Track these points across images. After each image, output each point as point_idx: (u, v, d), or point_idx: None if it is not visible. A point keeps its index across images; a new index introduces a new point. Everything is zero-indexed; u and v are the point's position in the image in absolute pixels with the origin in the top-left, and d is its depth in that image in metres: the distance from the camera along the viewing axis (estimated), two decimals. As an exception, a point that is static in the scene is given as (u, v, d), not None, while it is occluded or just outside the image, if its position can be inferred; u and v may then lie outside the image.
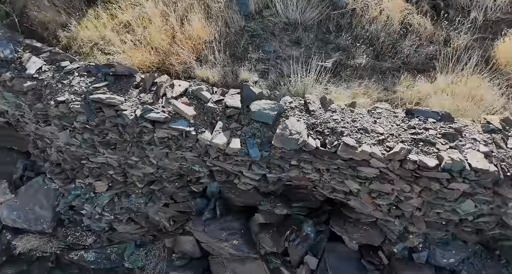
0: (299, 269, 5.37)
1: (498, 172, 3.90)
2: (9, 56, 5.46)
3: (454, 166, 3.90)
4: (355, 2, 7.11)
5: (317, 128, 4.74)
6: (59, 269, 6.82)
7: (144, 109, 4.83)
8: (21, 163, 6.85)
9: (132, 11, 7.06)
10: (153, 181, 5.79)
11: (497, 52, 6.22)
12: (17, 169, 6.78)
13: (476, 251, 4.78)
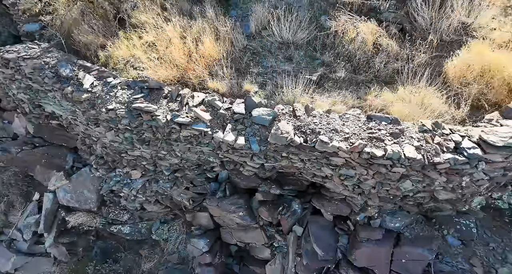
0: (289, 235, 6.85)
1: (423, 159, 5.48)
2: (69, 74, 7.02)
3: (394, 155, 5.37)
4: (337, 25, 8.62)
5: (301, 129, 6.13)
6: (101, 240, 8.43)
7: (172, 115, 6.38)
8: (71, 156, 8.42)
9: (155, 33, 8.61)
10: (177, 169, 7.30)
11: (447, 69, 7.75)
12: (68, 161, 8.36)
13: (417, 219, 6.32)
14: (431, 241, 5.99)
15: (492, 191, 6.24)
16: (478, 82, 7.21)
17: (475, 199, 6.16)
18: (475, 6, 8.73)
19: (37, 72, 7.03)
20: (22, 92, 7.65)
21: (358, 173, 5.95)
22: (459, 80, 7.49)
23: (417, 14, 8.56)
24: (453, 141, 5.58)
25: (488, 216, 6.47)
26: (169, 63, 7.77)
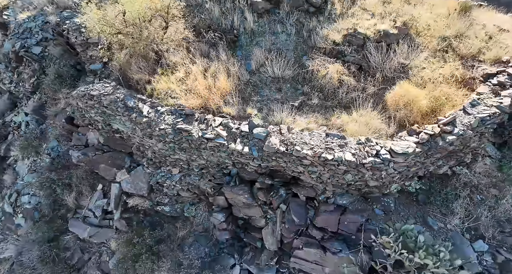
0: (277, 210, 9.99)
1: (356, 161, 8.89)
2: (133, 105, 10.43)
3: (339, 159, 8.67)
4: (313, 65, 11.98)
5: (284, 142, 9.24)
6: (149, 217, 11.83)
7: (202, 132, 9.75)
8: (128, 158, 11.72)
9: (184, 70, 11.95)
10: (203, 167, 10.47)
11: (386, 98, 11.11)
12: (126, 162, 11.70)
13: (357, 198, 9.68)
14: (364, 211, 9.27)
15: (403, 180, 9.64)
16: (405, 109, 10.58)
17: (392, 185, 9.49)
18: (412, 50, 12.10)
19: (112, 104, 10.46)
20: (98, 115, 11.11)
21: (319, 170, 9.07)
22: (393, 107, 10.87)
23: (370, 57, 12.00)
24: (375, 149, 8.93)
25: (402, 196, 9.78)
26: (195, 94, 10.91)
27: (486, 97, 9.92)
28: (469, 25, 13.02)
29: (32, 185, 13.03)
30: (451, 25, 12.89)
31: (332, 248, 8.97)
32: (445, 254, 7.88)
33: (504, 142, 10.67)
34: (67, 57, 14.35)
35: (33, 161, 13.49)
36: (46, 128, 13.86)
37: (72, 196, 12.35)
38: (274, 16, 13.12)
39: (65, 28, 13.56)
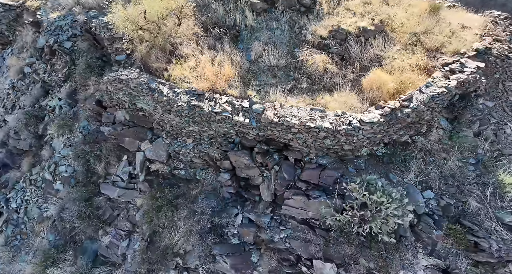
0: (271, 170, 12.38)
1: (333, 128, 11.25)
2: (155, 87, 12.86)
3: (320, 126, 11.02)
4: (303, 55, 14.37)
5: (277, 115, 11.62)
6: (167, 179, 14.12)
7: (211, 108, 12.22)
8: (149, 132, 14.11)
9: (195, 60, 14.35)
10: (212, 137, 12.75)
11: (363, 82, 13.50)
12: (148, 135, 13.99)
13: (335, 160, 11.98)
14: (339, 169, 11.57)
15: (371, 146, 12.00)
16: (376, 91, 12.96)
17: (362, 149, 11.83)
18: (387, 43, 14.49)
19: (138, 86, 12.87)
20: (125, 96, 13.53)
21: (304, 136, 11.35)
22: (367, 89, 13.25)
23: (351, 49, 14.41)
24: (348, 120, 11.30)
25: (370, 159, 12.09)
26: (205, 79, 13.21)
27: (438, 80, 12.30)
28: (436, 23, 15.38)
29: (67, 157, 15.45)
30: (421, 23, 15.23)
31: (313, 195, 11.38)
32: (396, 194, 10.30)
33: (454, 117, 13.02)
34: (93, 51, 16.73)
35: (67, 137, 15.88)
36: (77, 111, 16.24)
37: (102, 165, 14.77)
38: (270, 15, 15.48)
39: (93, 25, 15.89)
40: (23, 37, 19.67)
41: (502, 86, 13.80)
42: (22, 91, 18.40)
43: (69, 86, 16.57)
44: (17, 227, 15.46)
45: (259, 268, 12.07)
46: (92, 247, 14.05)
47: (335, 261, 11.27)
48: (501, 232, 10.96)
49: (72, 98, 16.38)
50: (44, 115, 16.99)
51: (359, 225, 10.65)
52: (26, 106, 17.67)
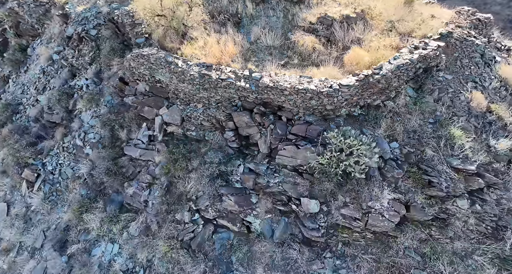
0: (268, 128, 14.75)
1: (317, 90, 13.80)
2: (171, 60, 15.44)
3: (306, 88, 13.50)
4: (295, 37, 16.98)
5: (272, 81, 14.16)
6: (180, 140, 16.60)
7: (218, 75, 14.78)
8: (165, 101, 16.56)
9: (203, 41, 16.94)
10: (219, 102, 15.27)
11: (345, 58, 16.09)
12: (164, 103, 16.58)
13: (320, 118, 14.42)
14: (323, 125, 14.25)
15: (349, 107, 14.53)
16: (355, 65, 15.51)
17: (342, 110, 14.23)
18: (366, 28, 17.12)
19: (157, 60, 15.45)
20: (146, 70, 16.14)
21: (294, 98, 13.85)
22: (348, 64, 15.82)
23: (335, 32, 17.04)
24: (330, 84, 13.92)
25: (348, 118, 14.48)
26: (212, 56, 15.79)
27: (404, 54, 14.89)
28: (409, 13, 18.00)
29: (95, 126, 18.02)
30: (396, 13, 17.79)
31: (301, 145, 13.98)
32: (366, 140, 12.91)
33: (419, 87, 15.51)
34: (115, 37, 19.35)
35: (94, 110, 18.47)
36: (102, 88, 18.82)
37: (125, 132, 17.31)
38: (267, 4, 18.11)
39: (116, 14, 18.55)
40: (51, 29, 22.35)
41: (460, 63, 16.35)
42: (51, 75, 21.02)
43: (95, 68, 19.15)
44: (53, 185, 18.00)
45: (258, 208, 14.61)
46: (118, 198, 16.55)
47: (318, 199, 13.83)
48: (449, 173, 13.52)
49: (98, 77, 18.96)
50: (73, 93, 19.55)
51: (336, 165, 13.20)
52: (56, 87, 20.26)
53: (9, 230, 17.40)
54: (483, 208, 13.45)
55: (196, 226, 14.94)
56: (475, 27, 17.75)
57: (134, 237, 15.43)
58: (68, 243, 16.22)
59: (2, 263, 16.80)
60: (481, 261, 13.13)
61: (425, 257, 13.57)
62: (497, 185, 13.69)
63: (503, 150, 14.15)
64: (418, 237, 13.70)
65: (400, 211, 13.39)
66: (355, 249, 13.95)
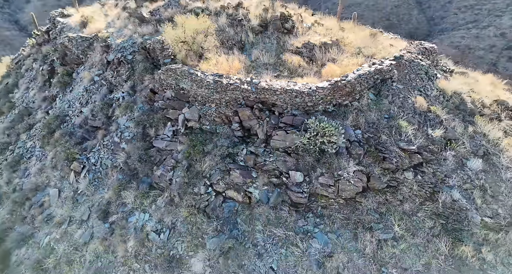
0: (264, 120, 19.10)
1: (300, 90, 18.51)
2: (192, 72, 20.35)
3: (293, 89, 18.32)
4: (285, 57, 22.13)
5: (267, 84, 18.94)
6: (198, 133, 21.37)
7: (227, 82, 19.56)
8: (187, 103, 21.40)
9: (215, 60, 21.96)
10: (227, 101, 20.01)
11: (322, 72, 21.06)
12: (185, 105, 21.43)
13: (302, 112, 19.23)
14: (305, 116, 18.91)
15: (325, 105, 19.14)
16: (330, 76, 20.49)
17: (319, 106, 18.76)
18: (339, 52, 22.20)
19: (182, 72, 20.37)
20: (173, 80, 20.99)
21: (283, 96, 18.42)
22: (324, 75, 20.77)
23: (316, 54, 22.08)
24: (310, 86, 18.70)
25: (324, 113, 19.19)
26: (222, 70, 20.88)
27: (365, 68, 19.80)
28: (373, 42, 23.18)
29: (130, 127, 22.70)
30: (363, 42, 22.98)
31: (289, 131, 18.54)
32: (335, 125, 17.52)
33: (378, 92, 20.28)
34: (146, 60, 24.38)
35: (128, 115, 23.19)
36: (135, 98, 23.60)
37: (153, 130, 21.81)
38: (264, 34, 23.23)
39: (148, 43, 23.72)
40: (92, 58, 27.49)
41: (409, 77, 21.15)
42: (93, 92, 25.92)
43: (130, 83, 24.02)
44: (95, 174, 22.32)
45: (257, 182, 18.85)
46: (148, 180, 20.81)
47: (302, 171, 18.21)
48: (398, 152, 17.89)
49: (132, 90, 23.80)
50: (112, 103, 24.29)
51: (314, 144, 17.68)
52: (97, 100, 25.11)
53: (60, 209, 21.56)
54: (423, 178, 17.69)
55: (210, 196, 19.10)
56: (422, 53, 22.71)
57: (161, 207, 19.60)
58: (109, 214, 20.30)
59: (55, 234, 20.82)
60: (422, 217, 17.13)
61: (382, 215, 17.64)
62: (433, 161, 18.06)
63: (438, 136, 18.60)
64: (377, 201, 17.79)
65: (362, 179, 17.62)
66: (330, 211, 18.03)
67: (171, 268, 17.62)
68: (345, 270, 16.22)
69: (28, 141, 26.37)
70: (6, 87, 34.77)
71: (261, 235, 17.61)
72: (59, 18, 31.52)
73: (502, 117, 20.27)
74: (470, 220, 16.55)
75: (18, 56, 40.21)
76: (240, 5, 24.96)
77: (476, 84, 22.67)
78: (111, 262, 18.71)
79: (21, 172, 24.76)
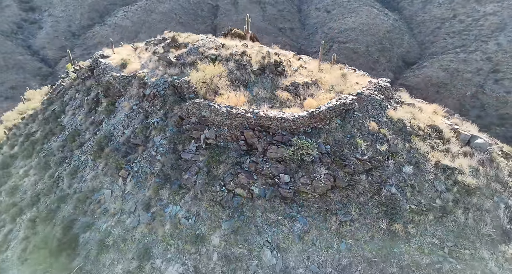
0: (262, 138, 27.31)
1: (287, 117, 26.42)
2: (211, 104, 28.20)
3: (281, 117, 26.24)
4: (277, 93, 30.15)
5: (264, 113, 26.96)
6: (215, 148, 29.04)
7: (236, 111, 27.53)
8: (206, 126, 29.33)
9: (227, 95, 29.94)
10: (236, 125, 27.83)
11: (304, 103, 28.98)
12: (205, 127, 29.28)
13: (289, 133, 27.09)
14: (292, 136, 26.76)
15: (305, 128, 27.08)
16: (310, 108, 28.38)
17: (301, 129, 26.78)
18: (317, 89, 30.21)
19: (203, 104, 28.24)
20: (196, 110, 28.76)
21: (275, 121, 26.58)
22: (306, 106, 28.66)
23: (300, 90, 30.08)
24: (294, 115, 26.62)
25: (305, 133, 27.30)
26: (232, 102, 28.65)
27: (334, 102, 27.75)
28: (343, 81, 31.22)
29: (163, 144, 30.50)
30: (335, 81, 30.98)
31: (279, 145, 26.26)
32: (311, 142, 25.34)
33: (343, 118, 28.05)
34: (174, 95, 32.40)
35: (162, 135, 30.99)
36: (167, 123, 31.47)
37: (181, 146, 29.65)
38: (262, 75, 31.23)
39: (177, 82, 31.74)
40: (131, 91, 35.42)
41: (366, 108, 28.79)
42: (132, 118, 33.78)
43: (162, 112, 31.92)
44: (138, 178, 29.88)
45: (257, 182, 26.57)
46: (178, 182, 28.46)
47: (289, 174, 25.89)
48: (355, 160, 25.67)
49: (164, 117, 31.60)
50: (148, 126, 32.09)
51: (297, 155, 25.41)
52: (136, 124, 33.05)
53: (113, 204, 29.06)
54: (372, 179, 25.28)
55: (223, 193, 26.45)
56: (378, 90, 30.66)
57: (188, 201, 27.15)
58: (150, 207, 27.64)
59: (111, 222, 28.34)
60: (371, 206, 24.52)
61: (344, 204, 25.11)
62: (379, 167, 25.72)
63: (383, 150, 26.24)
64: (341, 195, 25.19)
65: (330, 180, 25.14)
66: (308, 202, 25.33)
67: (197, 242, 25.05)
68: (317, 241, 23.64)
69: (82, 155, 34.06)
70: (54, 113, 42.63)
71: (260, 219, 25.00)
72: (101, 59, 39.61)
73: (432, 137, 28.00)
74: (402, 207, 24.07)
75: (59, 87, 48.30)
76: (244, 53, 32.91)
77: (418, 113, 30.37)
78: (154, 240, 26.13)
79: (78, 179, 32.38)
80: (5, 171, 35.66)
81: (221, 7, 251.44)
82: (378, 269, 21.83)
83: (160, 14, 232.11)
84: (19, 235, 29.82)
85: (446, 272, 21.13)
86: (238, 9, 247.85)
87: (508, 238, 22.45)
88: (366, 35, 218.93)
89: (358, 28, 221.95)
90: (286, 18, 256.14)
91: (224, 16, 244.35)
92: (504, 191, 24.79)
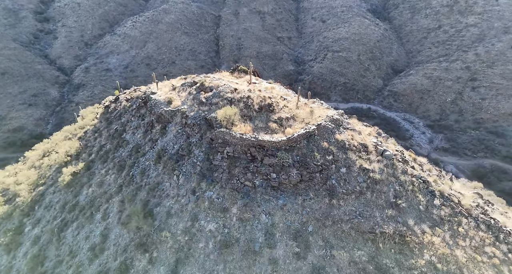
0: (260, 152, 48.23)
1: (274, 140, 47.10)
2: (231, 133, 48.84)
3: (272, 141, 47.13)
4: (269, 124, 51.25)
5: (261, 138, 47.90)
6: (232, 157, 49.51)
7: (246, 137, 48.29)
8: (228, 144, 50.02)
9: (240, 125, 50.88)
10: (245, 144, 48.95)
11: (285, 131, 49.92)
12: (227, 145, 49.91)
13: (276, 150, 47.72)
14: (277, 151, 47.51)
15: (286, 146, 47.85)
16: (288, 134, 49.22)
17: (283, 147, 47.73)
18: (294, 122, 51.29)
19: (227, 133, 49.09)
20: (221, 135, 49.67)
21: (268, 143, 47.54)
22: (287, 134, 49.55)
23: (283, 122, 51.13)
24: (278, 138, 47.34)
25: (285, 150, 48.09)
26: (243, 130, 49.37)
27: (301, 131, 48.73)
28: (310, 115, 52.37)
29: (200, 155, 51.38)
30: (305, 115, 52.08)
31: (270, 156, 47.21)
32: (288, 154, 46.34)
33: (308, 140, 49.05)
34: (206, 124, 53.37)
35: (199, 149, 51.80)
36: (202, 141, 52.29)
37: (212, 156, 50.47)
38: (260, 112, 52.26)
39: (208, 117, 52.59)
40: (175, 120, 56.61)
41: (321, 133, 50.09)
42: (178, 137, 54.83)
43: (199, 135, 52.94)
44: (185, 176, 50.88)
45: (257, 178, 47.53)
46: (210, 178, 49.28)
47: (275, 173, 46.84)
48: (313, 165, 46.81)
49: (200, 138, 52.75)
50: (190, 144, 53.13)
51: (280, 162, 46.42)
52: (181, 142, 54.01)
53: (172, 191, 49.52)
54: (323, 175, 46.46)
55: (238, 184, 47.53)
56: (331, 121, 51.56)
57: (218, 189, 47.99)
58: (195, 192, 48.75)
59: (172, 201, 49.33)
60: (321, 190, 45.94)
61: (307, 190, 46.18)
62: (326, 169, 46.81)
63: (330, 159, 47.49)
64: (305, 185, 46.12)
65: (299, 176, 46.17)
66: (286, 189, 46.39)
67: (223, 211, 45.96)
68: (291, 210, 44.67)
69: (146, 161, 54.90)
70: (116, 131, 63.53)
71: (259, 198, 45.99)
72: (152, 95, 60.39)
73: (360, 151, 48.88)
74: (337, 191, 45.10)
75: (114, 111, 69.15)
76: (250, 97, 53.70)
77: (356, 135, 51.17)
78: (199, 211, 47.01)
79: (146, 176, 53.14)
80: (90, 171, 56.23)
81: (223, 17, 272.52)
82: (321, 222, 42.71)
83: (166, 24, 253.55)
84: (114, 209, 50.57)
85: (357, 223, 41.95)
86: (239, 19, 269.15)
87: (391, 207, 43.41)
88: (358, 44, 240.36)
89: (351, 38, 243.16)
90: (284, 28, 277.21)
91: (226, 26, 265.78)
92: (395, 182, 45.59)
